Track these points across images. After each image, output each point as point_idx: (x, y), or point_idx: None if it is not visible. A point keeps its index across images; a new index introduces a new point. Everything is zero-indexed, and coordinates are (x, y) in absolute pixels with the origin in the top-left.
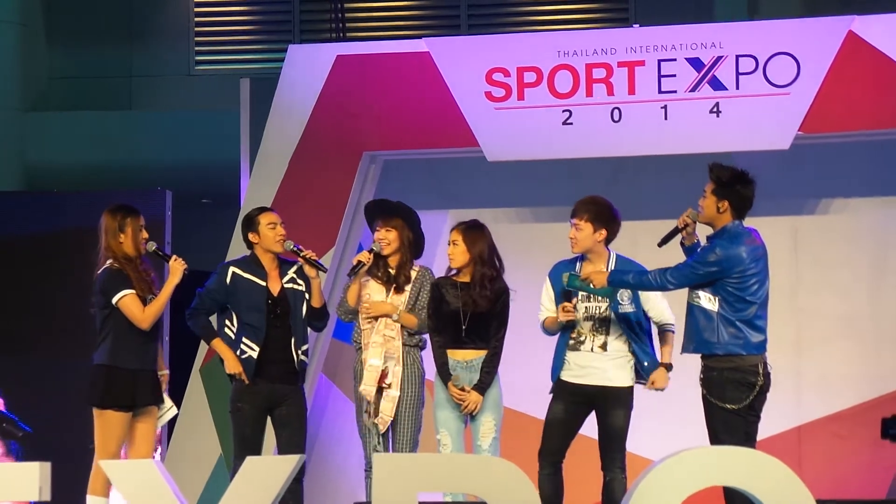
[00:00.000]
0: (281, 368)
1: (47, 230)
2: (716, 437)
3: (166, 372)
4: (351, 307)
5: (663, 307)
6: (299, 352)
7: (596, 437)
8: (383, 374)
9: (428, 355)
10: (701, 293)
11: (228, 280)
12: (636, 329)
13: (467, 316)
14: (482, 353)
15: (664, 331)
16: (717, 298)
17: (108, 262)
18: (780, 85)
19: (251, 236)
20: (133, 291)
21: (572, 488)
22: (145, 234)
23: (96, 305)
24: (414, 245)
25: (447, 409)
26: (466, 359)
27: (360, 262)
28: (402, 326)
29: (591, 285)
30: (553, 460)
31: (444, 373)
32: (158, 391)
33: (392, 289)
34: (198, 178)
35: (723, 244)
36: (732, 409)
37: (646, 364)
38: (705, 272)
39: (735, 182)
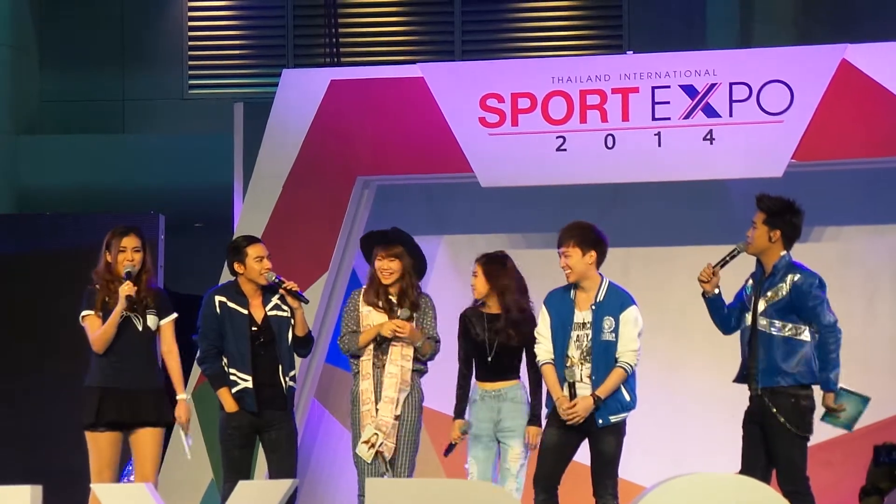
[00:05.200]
0: (269, 394)
1: (39, 253)
2: (795, 467)
3: (184, 396)
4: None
5: (629, 343)
6: (287, 378)
7: (588, 463)
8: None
9: (426, 380)
10: (803, 326)
11: (218, 309)
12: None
13: (493, 347)
14: (510, 384)
15: (617, 365)
16: (808, 329)
17: (93, 282)
18: (774, 113)
19: (237, 266)
20: (91, 312)
21: None
22: (129, 256)
23: None
24: (415, 270)
25: (476, 437)
26: (496, 388)
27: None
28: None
29: (838, 416)
30: (547, 486)
31: (458, 409)
32: (150, 411)
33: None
34: (191, 202)
35: (805, 271)
36: (805, 437)
37: (625, 394)
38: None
39: (786, 212)
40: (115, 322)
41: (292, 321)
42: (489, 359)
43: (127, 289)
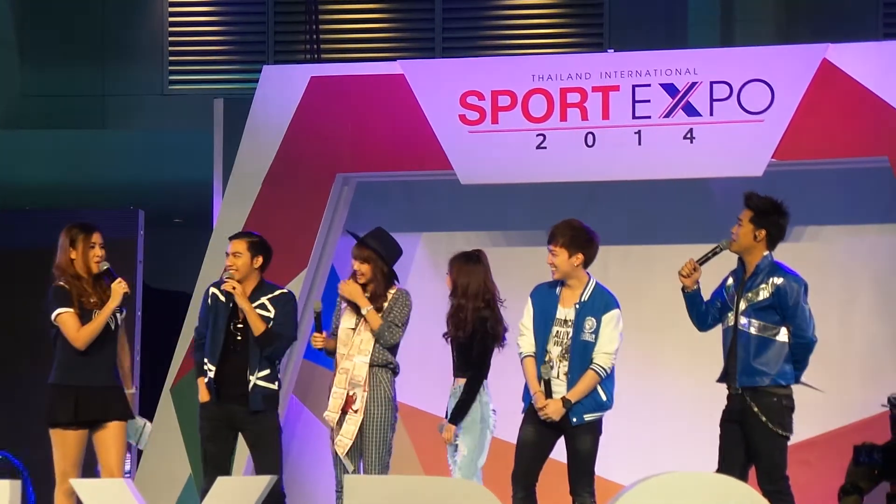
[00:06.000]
0: (236, 391)
1: (19, 248)
2: (775, 466)
3: (132, 391)
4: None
5: (606, 346)
6: (253, 377)
7: (565, 460)
8: (350, 400)
9: (410, 377)
10: (781, 327)
11: (210, 301)
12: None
13: (451, 343)
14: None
15: (590, 368)
16: (785, 330)
17: (57, 279)
18: (754, 112)
19: None
20: (70, 310)
21: None
22: (98, 252)
23: (49, 324)
24: (388, 276)
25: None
26: (457, 384)
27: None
28: (373, 351)
29: None
30: (525, 483)
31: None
32: (117, 406)
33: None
34: (170, 198)
35: (788, 274)
36: (786, 436)
37: (601, 394)
38: (807, 304)
39: (773, 212)
40: (104, 320)
41: (271, 323)
42: (454, 355)
43: (125, 287)
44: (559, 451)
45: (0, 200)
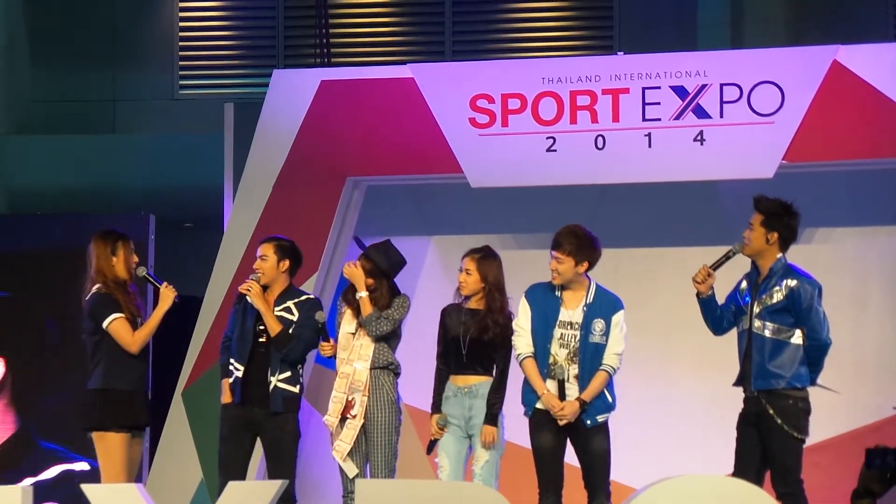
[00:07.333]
0: (258, 392)
1: (30, 253)
2: (789, 469)
3: None
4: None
5: (616, 346)
6: (274, 378)
7: (574, 463)
8: (349, 405)
9: (416, 380)
10: (795, 329)
11: (240, 303)
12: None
13: (466, 341)
14: (482, 379)
15: (601, 368)
16: (800, 332)
17: (97, 286)
18: (765, 114)
19: None
20: (122, 315)
21: None
22: (135, 259)
23: (86, 331)
24: (391, 289)
25: (448, 432)
26: (467, 384)
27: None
28: (373, 355)
29: None
30: (556, 489)
31: (435, 404)
32: (149, 412)
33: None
34: (181, 203)
35: (802, 276)
36: (802, 439)
37: (608, 395)
38: (821, 306)
39: (784, 214)
40: (157, 324)
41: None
42: (463, 353)
43: (174, 291)
44: (571, 456)
45: (11, 205)
